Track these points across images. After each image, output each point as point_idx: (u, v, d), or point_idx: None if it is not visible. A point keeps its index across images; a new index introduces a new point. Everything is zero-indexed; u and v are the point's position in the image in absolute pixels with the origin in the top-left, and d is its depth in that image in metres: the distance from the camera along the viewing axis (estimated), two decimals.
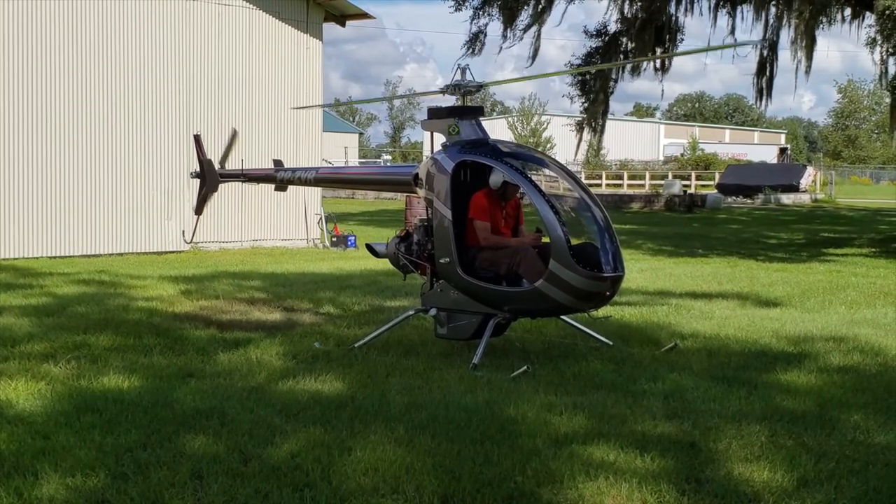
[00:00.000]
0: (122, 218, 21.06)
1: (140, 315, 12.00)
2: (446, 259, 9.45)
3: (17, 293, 13.85)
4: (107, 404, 7.51)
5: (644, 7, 25.76)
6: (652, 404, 7.76)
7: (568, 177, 9.77)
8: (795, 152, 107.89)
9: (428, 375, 8.73)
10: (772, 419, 7.33)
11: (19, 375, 8.45)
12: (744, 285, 15.84)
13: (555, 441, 6.68)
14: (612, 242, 9.24)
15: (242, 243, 22.77)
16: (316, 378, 8.52)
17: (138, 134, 21.22)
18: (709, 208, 45.75)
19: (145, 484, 5.79)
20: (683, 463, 6.31)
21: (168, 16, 21.60)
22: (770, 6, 24.97)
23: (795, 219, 39.33)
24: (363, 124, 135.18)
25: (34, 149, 19.85)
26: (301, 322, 11.73)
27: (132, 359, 9.35)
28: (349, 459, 6.22)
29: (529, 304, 9.28)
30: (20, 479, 5.82)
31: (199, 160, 12.49)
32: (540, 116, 76.30)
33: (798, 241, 27.82)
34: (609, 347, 10.03)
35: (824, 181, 62.12)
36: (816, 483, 6.00)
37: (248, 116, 22.63)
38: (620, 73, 27.42)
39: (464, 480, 5.86)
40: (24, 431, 6.79)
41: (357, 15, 24.98)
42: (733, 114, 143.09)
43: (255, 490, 5.72)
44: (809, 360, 9.62)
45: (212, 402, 7.65)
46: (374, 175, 13.51)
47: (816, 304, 13.72)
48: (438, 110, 10.17)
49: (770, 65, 25.94)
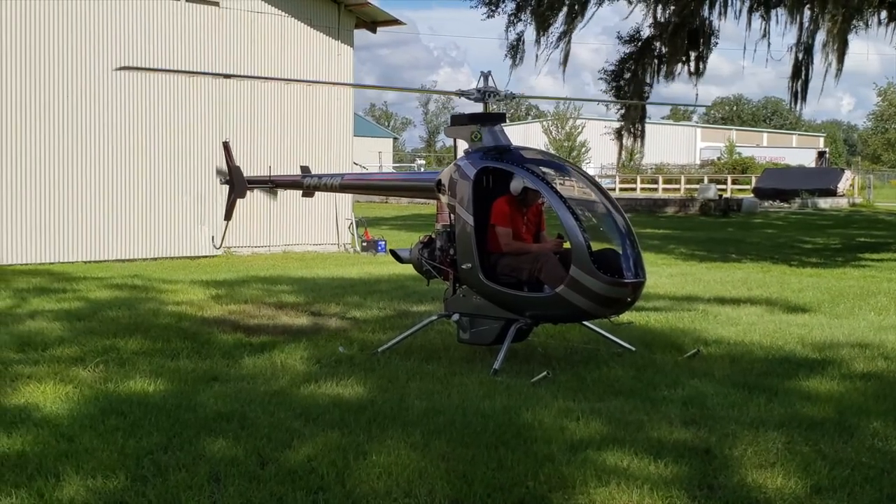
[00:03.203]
0: (157, 223, 21.33)
1: (169, 319, 12.16)
2: (468, 265, 9.51)
3: (51, 297, 14.07)
4: (131, 407, 7.64)
5: (677, 11, 25.68)
6: (670, 410, 7.77)
7: (589, 182, 9.81)
8: (834, 156, 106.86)
9: (448, 380, 8.80)
10: (790, 426, 7.32)
11: (48, 379, 8.61)
12: (774, 291, 15.76)
13: (569, 446, 6.72)
14: (634, 248, 9.26)
15: (274, 248, 22.96)
16: (337, 382, 8.61)
17: (173, 140, 21.48)
18: (745, 213, 45.45)
19: (163, 486, 5.90)
20: (697, 469, 6.33)
21: (202, 23, 21.84)
22: (804, 9, 24.80)
23: (832, 223, 39.00)
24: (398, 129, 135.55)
25: (70, 155, 20.15)
26: (327, 326, 11.83)
27: (159, 362, 9.50)
28: (364, 463, 6.30)
29: (551, 309, 9.32)
30: (42, 481, 5.95)
31: (227, 167, 12.64)
32: (575, 120, 76.09)
33: (833, 245, 27.61)
34: (631, 353, 10.05)
35: (862, 185, 61.54)
36: (830, 490, 6.00)
37: (281, 123, 22.84)
38: (655, 77, 27.32)
39: (476, 485, 5.92)
40: (48, 434, 6.93)
41: (388, 21, 25.13)
42: (771, 117, 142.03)
43: (270, 493, 5.81)
44: (833, 366, 9.59)
45: (234, 405, 7.77)
46: (398, 181, 13.61)
47: (845, 310, 13.62)
48: (461, 117, 10.27)
49: (805, 68, 25.72)
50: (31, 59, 19.59)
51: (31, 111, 19.65)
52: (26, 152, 19.62)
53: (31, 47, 19.59)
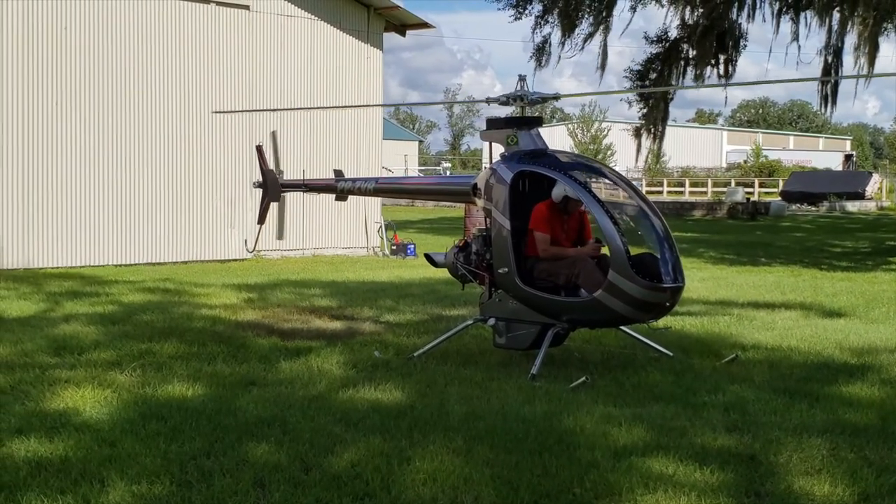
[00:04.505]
0: (187, 226, 21.39)
1: (204, 323, 12.18)
2: (505, 269, 9.48)
3: (84, 301, 14.12)
4: (171, 412, 7.65)
5: (706, 13, 25.57)
6: (712, 416, 7.72)
7: (627, 186, 9.76)
8: (861, 159, 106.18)
9: (486, 385, 8.77)
10: (833, 432, 7.25)
11: (86, 383, 8.62)
12: (807, 295, 15.65)
13: (613, 453, 6.68)
14: (672, 253, 9.20)
15: (304, 251, 22.99)
16: (375, 387, 8.60)
17: (202, 144, 21.55)
18: (772, 216, 45.23)
19: (209, 492, 5.90)
20: (743, 476, 6.28)
21: (232, 27, 21.91)
22: (834, 12, 24.65)
23: (860, 227, 38.74)
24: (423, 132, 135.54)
25: (101, 159, 20.23)
26: (361, 331, 11.83)
27: (196, 367, 9.51)
28: (408, 469, 6.28)
29: (588, 314, 9.28)
30: (87, 486, 5.96)
31: (261, 170, 12.65)
32: (600, 123, 75.85)
33: (863, 249, 27.41)
34: (669, 358, 9.99)
35: (890, 188, 61.13)
36: (877, 497, 5.95)
37: (310, 126, 22.88)
38: (681, 80, 27.19)
39: (522, 491, 5.89)
40: (90, 439, 6.95)
41: (417, 24, 25.13)
42: (797, 120, 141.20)
43: (316, 499, 5.80)
44: (873, 372, 9.51)
45: (274, 410, 7.76)
46: (433, 185, 13.56)
47: (881, 315, 13.51)
48: (497, 121, 10.22)
49: (835, 71, 25.59)
50: (62, 64, 19.69)
51: (61, 115, 19.74)
52: (57, 156, 19.71)
53: (65, 50, 19.69)
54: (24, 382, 8.70)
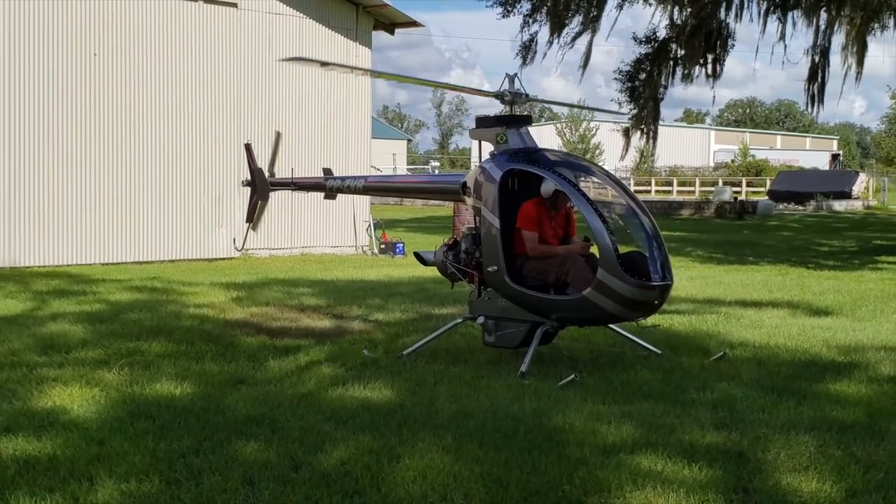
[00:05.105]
0: (174, 225, 21.35)
1: (192, 322, 12.16)
2: (494, 267, 9.49)
3: (71, 300, 14.09)
4: (160, 410, 7.63)
5: (694, 13, 25.61)
6: (700, 414, 7.74)
7: (616, 185, 9.78)
8: (848, 158, 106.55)
9: (476, 383, 8.78)
10: (821, 429, 7.29)
11: (74, 382, 8.60)
12: (794, 293, 15.72)
13: (602, 450, 6.69)
14: (661, 251, 9.23)
15: (292, 250, 22.96)
16: (365, 385, 8.59)
17: (190, 142, 21.51)
18: (760, 215, 45.36)
19: (198, 490, 5.89)
20: (731, 473, 6.30)
21: (220, 24, 21.87)
22: (821, 12, 24.71)
23: (847, 226, 38.88)
24: (411, 131, 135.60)
25: (87, 157, 20.18)
26: (350, 329, 11.82)
27: (184, 365, 9.49)
28: (398, 467, 6.28)
29: (577, 312, 9.29)
30: (76, 485, 5.94)
31: (250, 169, 12.62)
32: (589, 122, 75.98)
33: (850, 248, 27.51)
34: (657, 356, 10.01)
35: (877, 188, 61.38)
36: (865, 493, 5.97)
37: (299, 124, 22.83)
38: (671, 79, 27.22)
39: (511, 489, 5.90)
40: (78, 437, 6.93)
41: (406, 23, 25.10)
42: (784, 119, 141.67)
43: (306, 497, 5.80)
44: (860, 370, 9.55)
45: (263, 408, 7.76)
46: (422, 183, 13.53)
47: (868, 313, 13.58)
48: (486, 119, 10.23)
49: (822, 71, 25.64)
50: (48, 61, 19.62)
51: (47, 113, 19.68)
52: (43, 154, 19.64)
53: (50, 48, 19.63)
54: (11, 381, 8.68)
